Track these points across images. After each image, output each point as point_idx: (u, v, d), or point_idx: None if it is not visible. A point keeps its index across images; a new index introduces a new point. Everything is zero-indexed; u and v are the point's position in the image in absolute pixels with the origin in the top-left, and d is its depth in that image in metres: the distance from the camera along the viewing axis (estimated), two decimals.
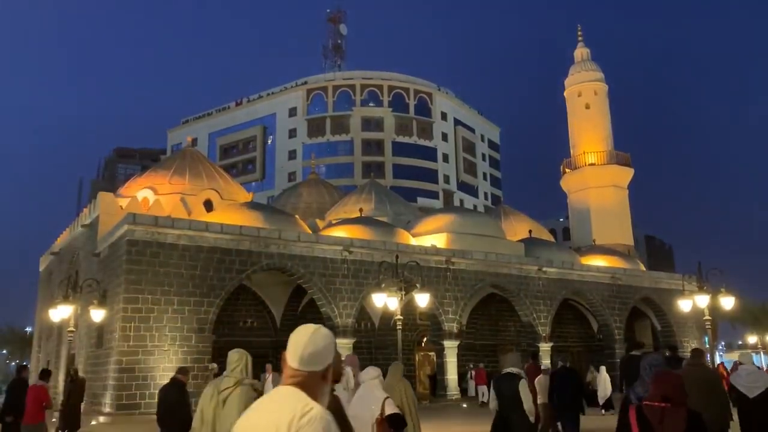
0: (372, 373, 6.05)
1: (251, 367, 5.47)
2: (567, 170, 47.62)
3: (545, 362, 26.85)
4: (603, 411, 19.68)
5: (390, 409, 5.64)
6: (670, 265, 72.96)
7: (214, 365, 17.70)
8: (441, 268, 27.09)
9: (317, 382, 2.40)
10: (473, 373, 27.67)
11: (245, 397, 5.05)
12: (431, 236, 29.87)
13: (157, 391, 12.26)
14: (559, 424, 12.09)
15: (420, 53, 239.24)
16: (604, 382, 20.76)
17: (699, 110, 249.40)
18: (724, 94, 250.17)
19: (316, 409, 2.29)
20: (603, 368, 21.76)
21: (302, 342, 2.44)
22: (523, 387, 7.36)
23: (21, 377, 12.18)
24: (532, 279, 29.88)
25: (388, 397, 5.79)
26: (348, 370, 7.35)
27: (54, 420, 16.49)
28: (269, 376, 20.68)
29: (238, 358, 5.37)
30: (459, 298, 27.54)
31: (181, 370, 8.68)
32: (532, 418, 7.35)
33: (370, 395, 5.84)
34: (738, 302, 24.38)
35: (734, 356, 36.31)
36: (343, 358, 7.75)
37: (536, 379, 12.45)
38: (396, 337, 18.70)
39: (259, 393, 5.50)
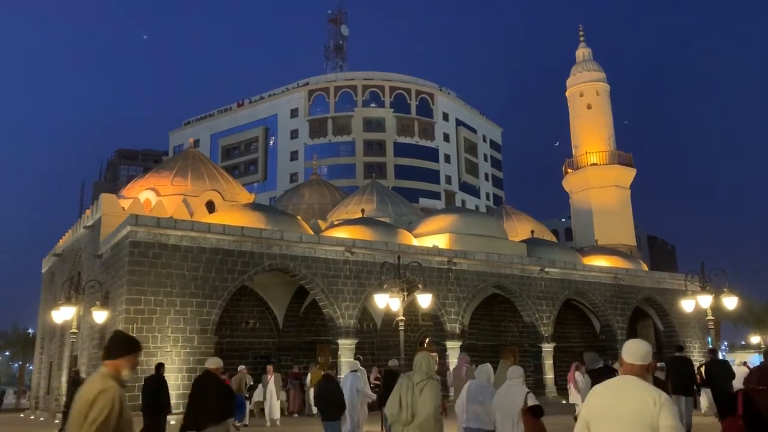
0: (517, 371, 7.47)
1: (433, 363, 6.96)
2: (569, 170, 47.53)
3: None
4: None
5: (531, 401, 7.10)
6: (672, 266, 72.91)
7: (243, 367, 21.00)
8: (443, 269, 27.05)
9: (644, 372, 3.78)
10: None
11: (436, 388, 6.74)
12: (433, 237, 29.85)
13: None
14: None
15: (421, 54, 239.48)
16: None
17: (702, 110, 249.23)
18: (728, 94, 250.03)
19: (665, 394, 3.58)
20: None
21: (639, 347, 3.86)
22: None
23: (159, 374, 12.91)
24: (535, 279, 29.83)
25: (529, 392, 7.22)
26: (488, 368, 8.45)
27: (57, 421, 16.53)
28: (271, 377, 20.72)
29: (421, 359, 6.94)
30: (461, 299, 27.50)
31: (331, 366, 11.98)
32: None
33: (514, 390, 7.29)
34: (741, 302, 24.29)
35: (735, 356, 36.25)
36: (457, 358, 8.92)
37: None
38: (398, 337, 18.67)
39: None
